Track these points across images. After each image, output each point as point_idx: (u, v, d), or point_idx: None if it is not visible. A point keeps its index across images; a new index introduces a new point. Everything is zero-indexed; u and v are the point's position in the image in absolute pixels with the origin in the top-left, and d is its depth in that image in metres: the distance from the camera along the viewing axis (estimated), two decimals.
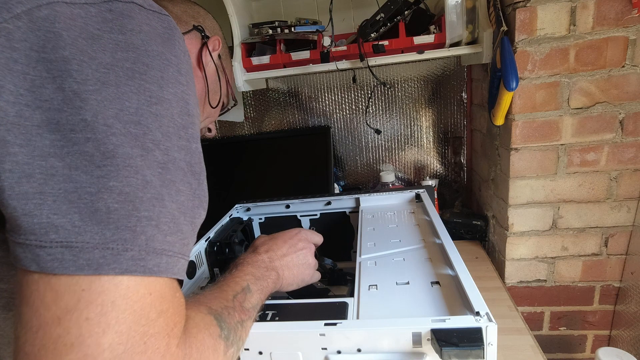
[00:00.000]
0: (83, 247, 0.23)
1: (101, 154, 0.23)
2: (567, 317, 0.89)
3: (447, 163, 1.16)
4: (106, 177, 0.24)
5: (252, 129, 1.22)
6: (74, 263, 0.22)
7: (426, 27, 0.85)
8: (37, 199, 0.22)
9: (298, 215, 0.84)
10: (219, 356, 0.31)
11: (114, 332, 0.23)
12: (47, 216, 0.22)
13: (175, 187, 0.27)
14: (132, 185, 0.24)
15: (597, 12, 0.68)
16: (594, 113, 0.74)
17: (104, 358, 0.22)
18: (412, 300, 0.44)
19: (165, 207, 0.26)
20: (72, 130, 0.23)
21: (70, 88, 0.23)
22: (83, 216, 0.23)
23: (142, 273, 0.24)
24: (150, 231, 0.25)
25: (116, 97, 0.24)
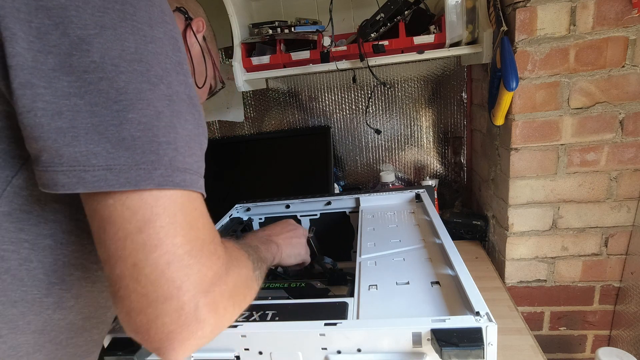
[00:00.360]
0: (120, 168, 0.27)
1: (115, 91, 0.27)
2: (567, 317, 0.89)
3: (447, 163, 1.16)
4: (124, 110, 0.27)
5: (252, 129, 1.22)
6: (117, 181, 0.27)
7: (426, 27, 0.85)
8: (72, 132, 0.26)
9: (298, 215, 0.84)
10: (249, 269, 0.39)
11: (180, 235, 0.29)
12: (85, 146, 0.26)
13: (183, 117, 0.31)
14: (147, 116, 0.28)
15: (597, 12, 0.68)
16: (594, 113, 0.74)
17: (178, 253, 0.28)
18: (412, 300, 0.44)
19: (179, 133, 0.30)
20: (85, 71, 0.26)
21: (74, 33, 0.26)
22: (113, 144, 0.27)
23: (173, 186, 0.29)
24: (171, 153, 0.29)
25: (116, 39, 0.27)
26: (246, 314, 0.47)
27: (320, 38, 0.87)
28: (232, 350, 0.42)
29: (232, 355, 0.42)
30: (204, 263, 0.30)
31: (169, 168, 0.29)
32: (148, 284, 0.28)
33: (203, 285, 0.30)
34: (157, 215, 0.28)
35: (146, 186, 0.28)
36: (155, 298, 0.28)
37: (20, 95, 0.26)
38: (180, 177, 0.29)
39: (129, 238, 0.28)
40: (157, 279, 0.28)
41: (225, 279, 0.32)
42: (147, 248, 0.28)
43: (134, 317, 0.28)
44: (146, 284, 0.28)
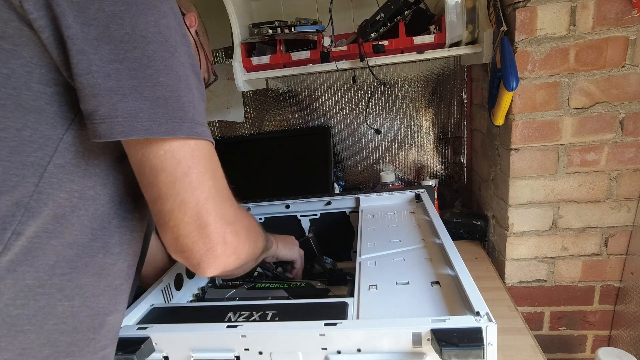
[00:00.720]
0: (160, 121, 0.34)
1: (147, 58, 0.33)
2: (567, 317, 0.90)
3: (447, 163, 1.16)
4: (155, 74, 0.34)
5: (252, 129, 1.22)
6: (159, 130, 0.34)
7: (426, 27, 0.85)
8: (121, 91, 0.32)
9: (298, 215, 0.84)
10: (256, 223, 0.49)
11: (211, 179, 0.38)
12: (132, 103, 0.33)
13: (193, 81, 0.37)
14: (172, 79, 0.35)
15: (597, 12, 0.68)
16: (594, 113, 0.74)
17: (212, 193, 0.38)
18: (412, 300, 0.44)
19: (194, 95, 0.37)
20: (121, 41, 0.32)
21: (108, 9, 0.32)
22: (152, 102, 0.34)
23: (197, 136, 0.36)
24: (192, 111, 0.36)
25: (140, 13, 0.33)
26: (246, 314, 0.47)
27: (320, 38, 0.87)
28: (232, 350, 0.42)
29: (232, 355, 0.42)
30: (227, 202, 0.40)
31: (192, 122, 0.36)
32: (193, 215, 0.36)
33: (228, 218, 0.39)
34: (195, 163, 0.36)
35: (180, 135, 0.35)
36: (198, 225, 0.37)
37: (79, 61, 0.31)
38: (201, 129, 0.37)
39: (177, 181, 0.36)
40: (199, 211, 0.37)
41: (241, 217, 0.42)
42: (191, 188, 0.36)
43: (182, 240, 0.37)
44: (191, 215, 0.36)
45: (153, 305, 0.53)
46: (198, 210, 0.36)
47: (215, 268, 0.39)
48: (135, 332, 0.44)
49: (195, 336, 0.42)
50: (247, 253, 0.43)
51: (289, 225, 0.85)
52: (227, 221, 0.39)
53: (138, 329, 0.44)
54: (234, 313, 0.47)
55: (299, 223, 0.85)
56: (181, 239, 0.37)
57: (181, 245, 0.37)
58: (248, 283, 0.65)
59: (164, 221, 0.37)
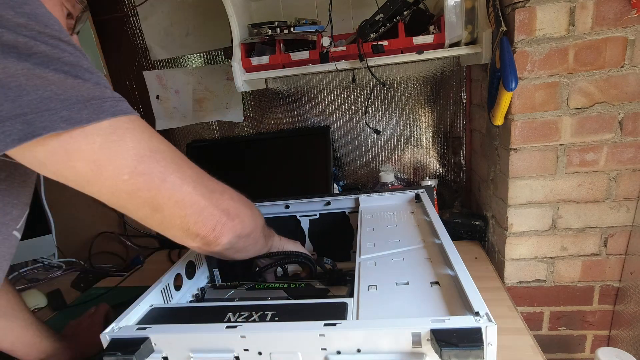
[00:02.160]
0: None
1: None
2: (567, 317, 0.90)
3: (447, 163, 1.16)
4: None
5: (252, 129, 1.22)
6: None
7: (425, 27, 0.85)
8: None
9: (297, 216, 0.84)
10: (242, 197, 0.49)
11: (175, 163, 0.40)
12: None
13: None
14: None
15: (596, 12, 0.68)
16: (593, 113, 0.74)
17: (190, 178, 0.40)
18: (411, 300, 0.44)
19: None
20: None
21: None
22: None
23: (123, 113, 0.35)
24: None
25: None
26: (246, 314, 0.47)
27: (319, 38, 0.87)
28: (232, 350, 0.42)
29: (232, 356, 0.42)
30: (208, 178, 0.42)
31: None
32: (192, 205, 0.39)
33: (217, 189, 0.43)
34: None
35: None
36: (199, 210, 0.40)
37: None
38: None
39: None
40: (195, 200, 0.39)
41: (225, 186, 0.45)
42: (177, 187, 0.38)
43: (193, 229, 0.40)
44: (191, 206, 0.39)
45: (152, 305, 0.53)
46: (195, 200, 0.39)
47: (226, 233, 0.43)
48: (134, 332, 0.43)
49: (194, 337, 0.42)
50: (248, 215, 0.47)
51: (289, 226, 0.85)
52: (217, 192, 0.42)
53: (137, 330, 0.44)
54: (233, 313, 0.47)
55: (298, 223, 0.85)
56: (193, 229, 0.40)
57: (195, 233, 0.40)
58: (248, 283, 0.65)
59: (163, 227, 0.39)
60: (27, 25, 0.29)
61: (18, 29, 0.28)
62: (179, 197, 0.37)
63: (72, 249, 1.22)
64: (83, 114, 0.30)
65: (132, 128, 0.34)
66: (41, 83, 0.29)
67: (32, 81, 0.29)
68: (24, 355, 0.60)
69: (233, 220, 0.43)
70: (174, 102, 1.22)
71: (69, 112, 0.30)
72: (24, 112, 0.28)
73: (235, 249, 0.47)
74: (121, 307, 0.49)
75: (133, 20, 1.16)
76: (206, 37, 1.14)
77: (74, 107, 0.30)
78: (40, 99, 0.29)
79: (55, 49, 0.30)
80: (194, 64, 1.18)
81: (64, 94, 0.30)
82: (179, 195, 0.37)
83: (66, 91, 0.30)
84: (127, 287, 0.97)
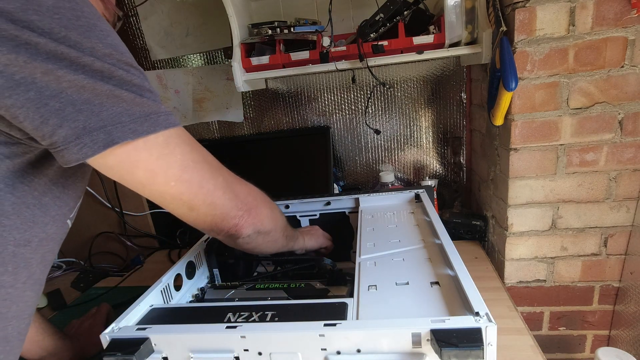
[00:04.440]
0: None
1: None
2: (567, 317, 0.90)
3: (447, 163, 1.16)
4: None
5: (252, 129, 1.22)
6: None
7: (425, 27, 0.85)
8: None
9: (297, 216, 0.84)
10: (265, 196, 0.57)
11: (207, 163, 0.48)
12: None
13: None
14: None
15: (596, 12, 0.68)
16: (593, 113, 0.74)
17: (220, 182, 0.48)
18: (411, 300, 0.44)
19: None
20: None
21: None
22: None
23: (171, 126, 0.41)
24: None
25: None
26: (246, 314, 0.47)
27: (319, 38, 0.87)
28: (232, 351, 0.42)
29: (232, 356, 0.42)
30: (236, 182, 0.51)
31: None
32: (222, 207, 0.47)
33: (243, 191, 0.51)
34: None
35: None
36: (227, 211, 0.48)
37: None
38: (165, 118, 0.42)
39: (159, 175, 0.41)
40: (224, 203, 0.47)
41: (249, 188, 0.53)
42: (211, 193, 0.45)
43: (220, 225, 0.48)
44: (221, 207, 0.47)
45: (152, 305, 0.53)
46: (223, 203, 0.46)
47: (247, 227, 0.50)
48: (134, 332, 0.43)
49: (194, 337, 0.42)
50: (267, 215, 0.54)
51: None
52: (241, 196, 0.50)
53: (137, 330, 0.44)
54: (233, 314, 0.47)
55: (298, 223, 0.85)
56: (220, 225, 0.47)
57: (220, 228, 0.48)
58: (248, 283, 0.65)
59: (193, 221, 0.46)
60: (111, 55, 0.36)
61: (105, 58, 0.35)
62: (211, 201, 0.45)
63: (72, 249, 1.22)
64: (144, 126, 0.37)
65: (180, 143, 0.41)
66: (117, 101, 0.36)
67: (111, 100, 0.36)
68: (26, 351, 0.61)
69: (254, 218, 0.50)
70: (174, 102, 1.22)
71: (135, 125, 0.37)
72: (105, 124, 0.35)
73: (255, 244, 0.54)
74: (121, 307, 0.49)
75: (133, 20, 1.16)
76: (206, 37, 1.14)
77: (138, 121, 0.37)
78: (115, 114, 0.36)
79: (128, 73, 0.37)
80: (194, 64, 1.18)
81: (132, 110, 0.37)
82: (211, 199, 0.45)
83: (133, 107, 0.37)
84: (127, 287, 0.97)
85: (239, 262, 0.74)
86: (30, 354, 0.61)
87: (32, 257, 0.42)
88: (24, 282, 0.42)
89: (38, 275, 0.45)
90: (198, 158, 0.44)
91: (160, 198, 0.42)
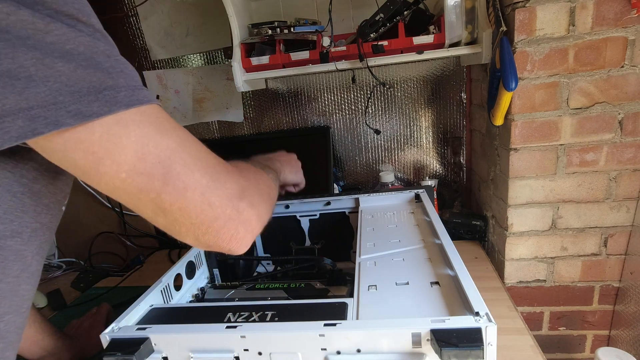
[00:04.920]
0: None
1: None
2: (567, 317, 0.90)
3: (447, 163, 1.16)
4: None
5: (252, 129, 1.22)
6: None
7: (425, 27, 0.85)
8: None
9: (297, 216, 0.84)
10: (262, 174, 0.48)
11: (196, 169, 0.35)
12: None
13: None
14: None
15: (596, 12, 0.68)
16: (593, 113, 0.74)
17: (204, 184, 0.35)
18: (411, 300, 0.44)
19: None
20: None
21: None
22: None
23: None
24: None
25: None
26: (246, 314, 0.47)
27: (319, 38, 0.87)
28: (232, 351, 0.42)
29: (232, 356, 0.42)
30: (226, 180, 0.36)
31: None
32: (198, 215, 0.34)
33: (235, 195, 0.37)
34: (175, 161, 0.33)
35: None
36: (209, 221, 0.35)
37: None
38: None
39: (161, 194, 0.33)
40: (202, 209, 0.34)
41: (246, 184, 0.39)
42: (180, 192, 0.33)
43: (202, 240, 0.36)
44: (197, 216, 0.34)
45: (152, 305, 0.53)
46: (201, 209, 0.34)
47: (246, 244, 0.39)
48: (134, 332, 0.43)
49: (194, 337, 0.42)
50: (269, 213, 0.43)
51: (289, 226, 0.85)
52: (235, 198, 0.37)
53: (137, 330, 0.44)
54: (233, 313, 0.47)
55: (298, 223, 0.85)
56: (202, 239, 0.36)
57: (206, 243, 0.36)
58: (248, 283, 0.65)
59: (175, 232, 0.36)
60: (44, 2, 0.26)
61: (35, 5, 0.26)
62: (182, 204, 0.33)
63: (72, 249, 1.22)
64: (93, 107, 0.28)
65: (141, 121, 0.30)
66: (51, 73, 0.26)
67: (42, 72, 0.26)
68: (26, 351, 0.60)
69: (253, 230, 0.39)
70: (174, 102, 1.22)
71: (78, 106, 0.27)
72: (30, 106, 0.26)
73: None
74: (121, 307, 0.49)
75: (133, 20, 1.16)
76: (206, 37, 1.14)
77: (84, 100, 0.27)
78: (48, 91, 0.26)
79: (71, 30, 0.27)
80: (194, 64, 1.18)
81: (75, 86, 0.27)
82: (182, 202, 0.33)
83: (77, 82, 0.27)
84: (127, 287, 0.97)
85: (238, 262, 0.74)
86: (30, 354, 0.61)
87: (25, 248, 0.38)
88: (17, 275, 0.38)
89: (35, 267, 0.41)
90: (167, 144, 0.32)
91: (115, 195, 0.33)
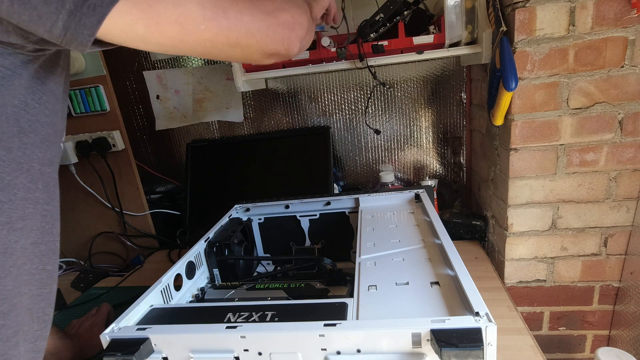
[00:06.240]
0: None
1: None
2: (567, 317, 0.90)
3: (447, 163, 1.16)
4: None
5: (252, 129, 1.22)
6: None
7: (425, 27, 0.85)
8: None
9: (297, 216, 0.84)
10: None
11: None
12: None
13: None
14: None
15: (596, 12, 0.68)
16: (593, 113, 0.74)
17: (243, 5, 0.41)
18: (411, 300, 0.44)
19: None
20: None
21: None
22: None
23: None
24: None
25: None
26: (246, 314, 0.47)
27: (319, 37, 0.87)
28: (232, 351, 0.42)
29: (232, 356, 0.42)
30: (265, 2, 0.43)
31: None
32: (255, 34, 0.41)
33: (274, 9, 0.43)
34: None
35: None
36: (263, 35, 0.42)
37: None
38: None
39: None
40: (258, 27, 0.41)
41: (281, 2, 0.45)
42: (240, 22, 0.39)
43: (267, 50, 0.43)
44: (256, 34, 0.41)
45: (152, 305, 0.53)
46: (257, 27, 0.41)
47: (298, 45, 0.46)
48: (134, 333, 0.43)
49: (194, 337, 0.42)
50: (301, 14, 0.47)
51: (289, 226, 0.85)
52: (273, 14, 0.43)
53: (137, 330, 0.44)
54: (233, 314, 0.47)
55: (298, 223, 0.85)
56: (266, 51, 0.43)
57: (269, 55, 0.44)
58: (248, 283, 0.65)
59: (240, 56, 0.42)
60: None
61: None
62: (245, 29, 0.40)
63: (72, 249, 1.22)
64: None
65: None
66: None
67: None
68: None
69: (294, 30, 0.46)
70: (174, 102, 1.22)
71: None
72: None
73: (306, 42, 0.51)
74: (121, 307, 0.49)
75: None
76: None
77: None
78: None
79: None
80: (194, 64, 1.18)
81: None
82: (244, 27, 0.40)
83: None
84: (127, 287, 0.97)
85: (238, 262, 0.74)
86: None
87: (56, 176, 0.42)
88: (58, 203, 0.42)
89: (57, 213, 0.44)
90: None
91: (201, 49, 0.39)
